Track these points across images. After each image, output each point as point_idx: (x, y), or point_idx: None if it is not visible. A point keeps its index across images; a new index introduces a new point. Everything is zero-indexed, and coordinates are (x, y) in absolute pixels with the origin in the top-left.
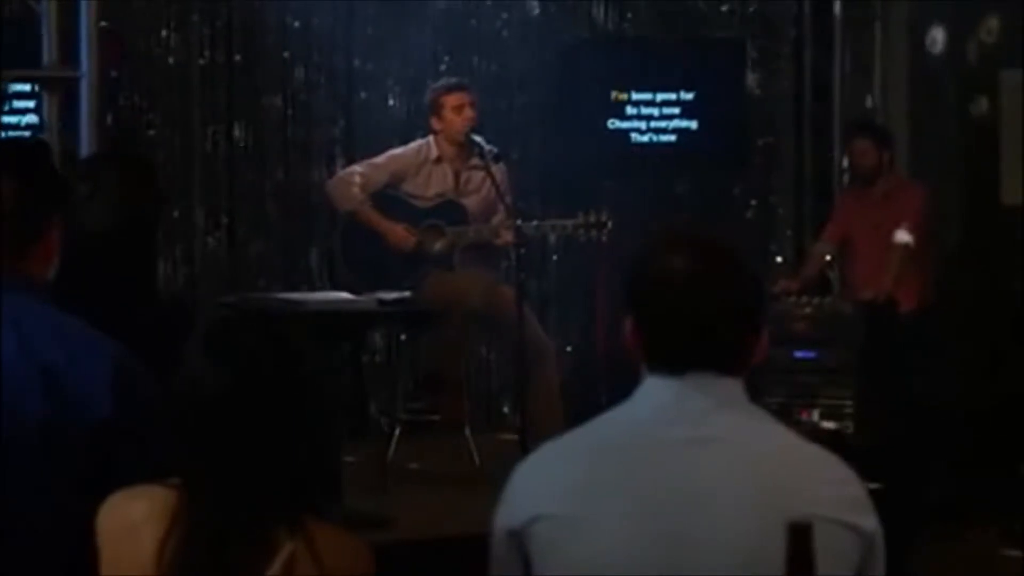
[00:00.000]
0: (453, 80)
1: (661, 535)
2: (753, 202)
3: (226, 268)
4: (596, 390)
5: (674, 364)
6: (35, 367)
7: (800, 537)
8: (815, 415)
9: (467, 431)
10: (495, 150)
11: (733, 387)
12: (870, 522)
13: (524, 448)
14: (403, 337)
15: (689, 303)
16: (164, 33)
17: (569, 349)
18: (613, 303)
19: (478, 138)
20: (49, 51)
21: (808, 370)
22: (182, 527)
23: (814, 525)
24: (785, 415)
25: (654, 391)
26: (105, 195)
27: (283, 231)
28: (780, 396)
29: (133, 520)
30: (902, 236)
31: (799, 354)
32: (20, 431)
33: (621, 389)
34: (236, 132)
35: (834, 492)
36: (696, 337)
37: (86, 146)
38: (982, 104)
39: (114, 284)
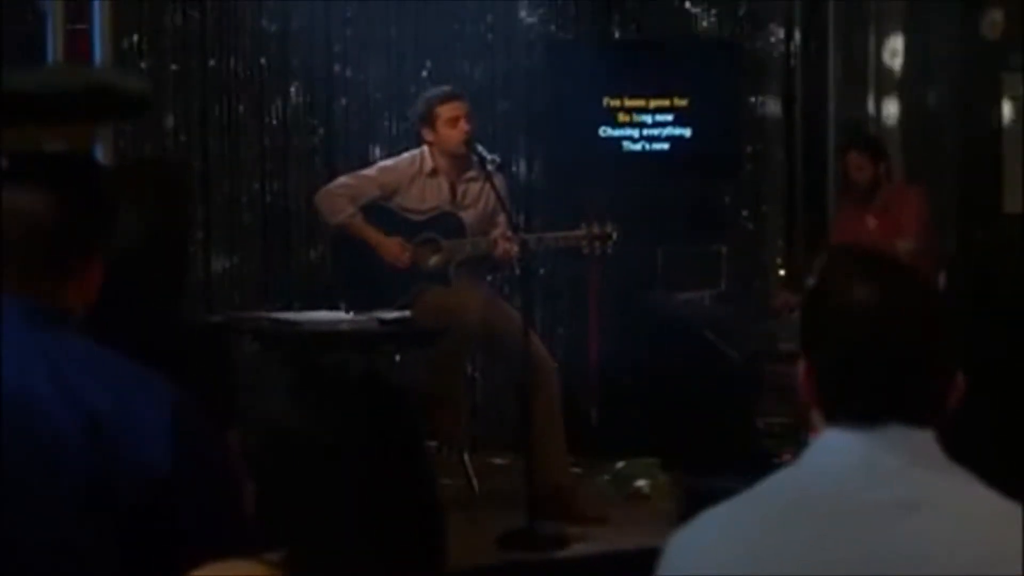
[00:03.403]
0: (448, 89)
1: None
2: (744, 211)
3: (201, 283)
4: (587, 407)
5: (862, 415)
6: (78, 415)
7: None
8: None
9: (465, 455)
10: (497, 159)
11: (929, 441)
12: None
13: (529, 472)
14: (397, 357)
15: (881, 342)
16: (135, 37)
17: (555, 365)
18: (606, 315)
19: (479, 147)
20: (55, 51)
21: None
22: None
23: None
24: (791, 437)
25: (837, 447)
26: (134, 207)
27: (260, 245)
28: (785, 416)
29: None
30: (905, 244)
31: None
32: (61, 491)
33: (613, 406)
34: (210, 141)
35: None
36: (889, 382)
37: (100, 153)
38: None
39: (141, 309)
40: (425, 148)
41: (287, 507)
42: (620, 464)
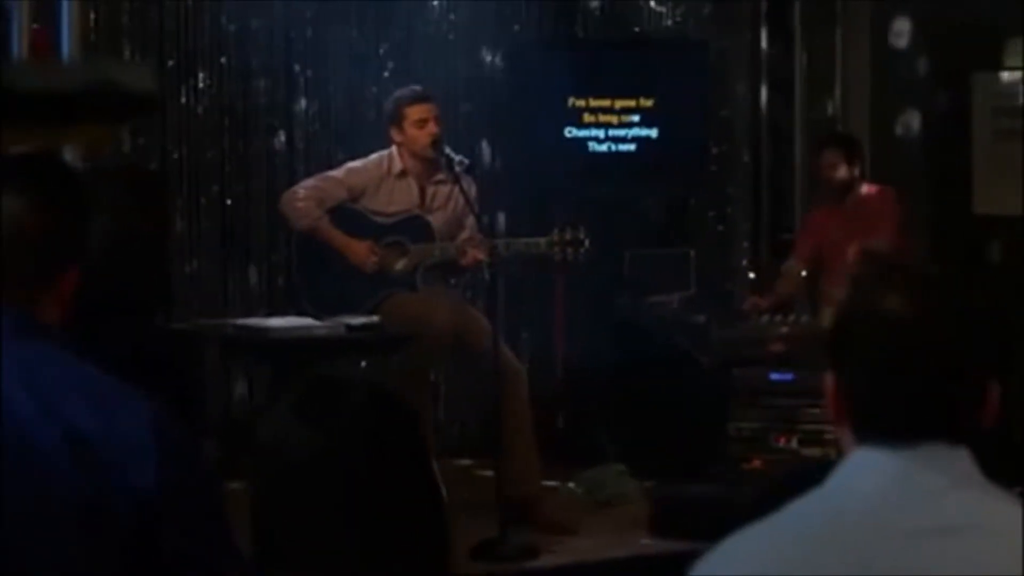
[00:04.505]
0: (417, 90)
1: None
2: (712, 213)
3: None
4: (554, 414)
5: (896, 432)
6: (60, 433)
7: None
8: (794, 442)
9: (434, 463)
10: (466, 161)
11: (966, 460)
12: None
13: (499, 480)
14: (363, 364)
15: (916, 355)
16: (92, 37)
17: (524, 371)
18: (572, 319)
19: (447, 149)
20: (19, 48)
21: (785, 393)
22: None
23: None
24: (761, 442)
25: (869, 467)
26: (109, 213)
27: (220, 249)
28: (755, 422)
29: None
30: (876, 246)
31: (775, 376)
32: (49, 510)
33: (579, 412)
34: (168, 143)
35: None
36: (924, 398)
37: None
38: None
39: (116, 317)
40: (394, 149)
41: (290, 525)
42: (589, 471)
